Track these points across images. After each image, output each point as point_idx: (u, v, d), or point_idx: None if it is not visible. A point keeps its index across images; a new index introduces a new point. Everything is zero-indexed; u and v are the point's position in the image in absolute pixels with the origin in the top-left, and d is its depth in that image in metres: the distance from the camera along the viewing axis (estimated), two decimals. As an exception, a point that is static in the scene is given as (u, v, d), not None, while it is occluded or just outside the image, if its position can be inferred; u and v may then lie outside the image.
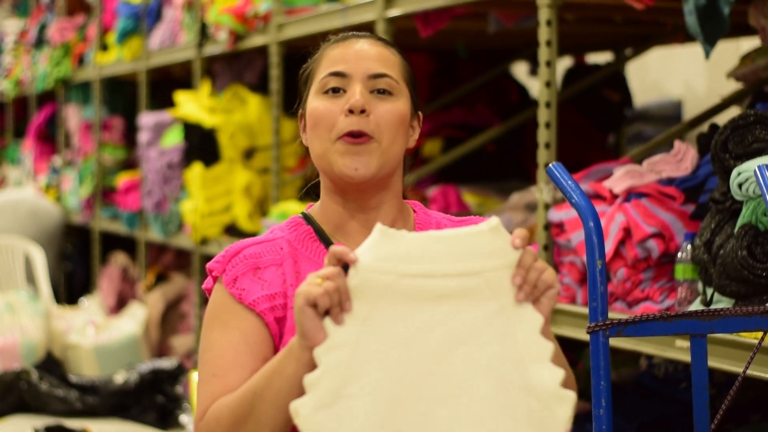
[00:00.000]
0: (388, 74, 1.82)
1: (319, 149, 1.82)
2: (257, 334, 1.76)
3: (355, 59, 1.81)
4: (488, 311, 1.57)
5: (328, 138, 1.80)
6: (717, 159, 2.57)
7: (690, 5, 2.69)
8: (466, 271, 1.56)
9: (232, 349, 1.75)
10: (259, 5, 4.58)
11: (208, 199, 4.96)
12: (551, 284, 1.59)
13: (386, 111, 1.80)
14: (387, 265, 1.55)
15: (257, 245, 1.82)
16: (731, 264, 2.44)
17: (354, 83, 1.80)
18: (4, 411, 4.55)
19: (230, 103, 5.09)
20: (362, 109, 1.78)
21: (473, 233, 1.57)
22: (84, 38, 7.23)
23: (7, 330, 5.27)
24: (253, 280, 1.78)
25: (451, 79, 5.18)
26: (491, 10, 3.70)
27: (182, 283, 5.98)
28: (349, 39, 1.85)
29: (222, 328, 1.77)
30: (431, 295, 1.56)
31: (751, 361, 1.91)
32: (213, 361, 1.75)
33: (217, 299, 1.80)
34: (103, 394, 4.62)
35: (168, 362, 4.85)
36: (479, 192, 4.27)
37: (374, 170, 1.80)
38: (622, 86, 5.04)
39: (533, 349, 1.58)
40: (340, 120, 1.79)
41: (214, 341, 1.77)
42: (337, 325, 1.54)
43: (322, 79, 1.82)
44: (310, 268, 1.81)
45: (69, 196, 7.27)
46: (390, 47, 1.86)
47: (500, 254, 1.57)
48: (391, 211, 1.87)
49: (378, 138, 1.79)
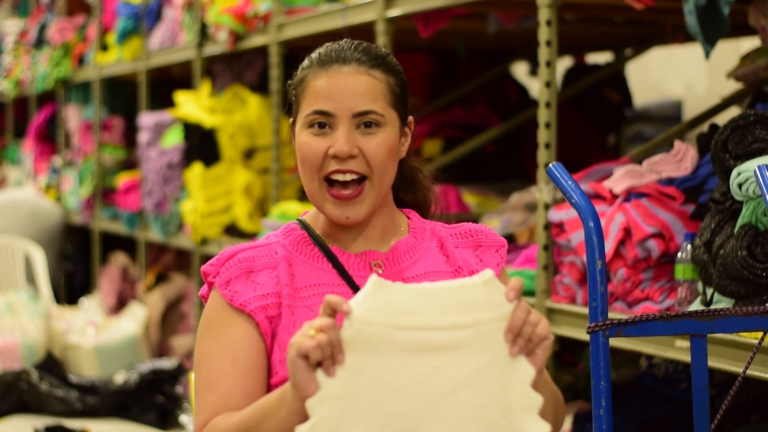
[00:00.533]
0: (373, 110, 1.81)
1: (308, 187, 1.84)
2: (247, 340, 1.78)
3: (340, 96, 1.80)
4: (481, 363, 1.58)
5: (317, 177, 1.82)
6: (717, 159, 2.57)
7: (690, 5, 2.69)
8: (460, 324, 1.57)
9: (221, 360, 1.77)
10: (259, 5, 4.58)
11: (208, 199, 4.96)
12: (546, 336, 1.60)
13: (375, 146, 1.81)
14: (381, 317, 1.55)
15: (252, 249, 1.84)
16: (731, 264, 2.44)
17: (340, 123, 1.80)
18: (4, 411, 4.55)
19: (230, 103, 5.09)
20: (348, 155, 1.80)
21: (467, 285, 1.58)
22: (84, 38, 7.23)
23: (7, 330, 5.26)
24: (246, 284, 1.80)
25: (451, 79, 5.18)
26: (491, 10, 3.70)
27: (182, 283, 5.98)
28: (332, 69, 1.82)
29: (213, 338, 1.79)
30: (424, 347, 1.57)
31: (751, 361, 1.91)
32: (205, 373, 1.78)
33: (210, 308, 1.83)
34: (103, 394, 4.62)
35: (168, 362, 4.85)
36: (479, 192, 4.27)
37: (366, 212, 1.83)
38: (622, 86, 5.04)
39: (522, 402, 1.60)
40: (326, 162, 1.81)
41: (205, 352, 1.80)
42: (329, 377, 1.54)
43: (308, 115, 1.82)
44: (306, 270, 1.83)
45: (69, 196, 7.27)
46: (375, 69, 1.83)
47: (494, 306, 1.59)
48: (385, 221, 1.89)
49: (370, 176, 1.82)
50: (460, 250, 1.91)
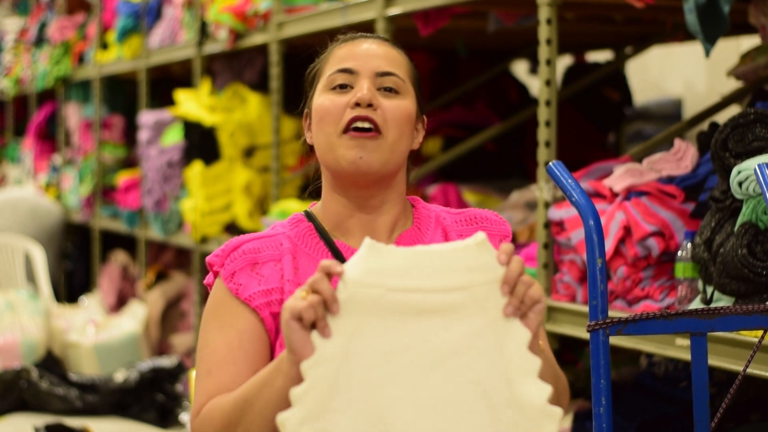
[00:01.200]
0: (396, 73, 1.83)
1: (324, 143, 1.82)
2: (252, 332, 1.78)
3: (363, 57, 1.83)
4: (475, 326, 1.57)
5: (334, 131, 1.80)
6: (717, 157, 2.57)
7: (690, 3, 2.69)
8: (453, 286, 1.56)
9: (226, 347, 1.77)
10: (259, 4, 4.58)
11: (208, 198, 4.96)
12: (538, 299, 1.59)
13: (393, 107, 1.82)
14: (375, 279, 1.55)
15: (257, 240, 1.83)
16: (731, 262, 2.44)
17: (361, 79, 1.81)
18: (5, 410, 4.55)
19: (230, 101, 5.09)
20: (369, 103, 1.79)
21: (460, 248, 1.57)
22: (84, 37, 7.23)
23: (7, 329, 5.27)
24: (250, 276, 1.79)
25: (451, 77, 5.18)
26: (491, 8, 3.70)
27: (182, 282, 5.98)
28: (357, 39, 1.87)
29: (218, 325, 1.79)
30: (419, 310, 1.56)
31: (751, 360, 1.91)
32: (208, 358, 1.77)
33: (216, 295, 1.82)
34: (103, 393, 4.62)
35: (168, 360, 4.85)
36: (479, 190, 4.27)
37: (379, 164, 1.80)
38: (622, 85, 5.04)
39: (521, 365, 1.58)
40: (347, 112, 1.80)
41: (210, 338, 1.79)
42: (324, 338, 1.54)
43: (330, 75, 1.82)
44: (309, 264, 1.82)
45: (69, 194, 7.27)
46: (397, 48, 1.88)
47: (487, 269, 1.58)
48: (393, 210, 1.87)
49: (384, 132, 1.80)
50: (464, 239, 1.91)
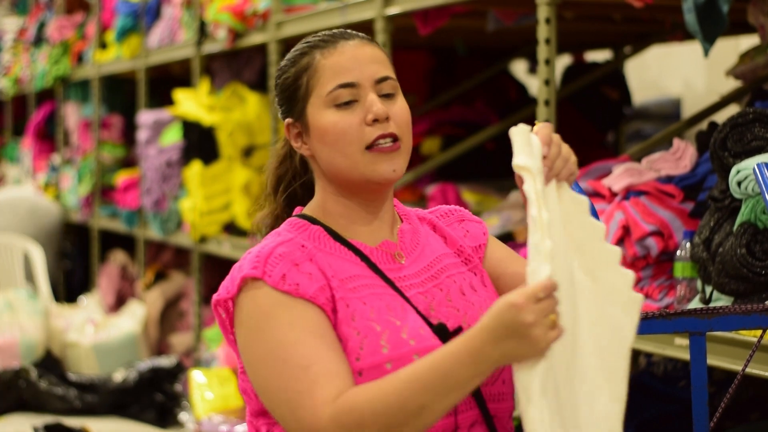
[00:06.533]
0: (390, 76, 1.83)
1: (345, 163, 1.80)
2: (324, 323, 1.71)
3: (357, 66, 1.81)
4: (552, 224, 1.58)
5: (357, 150, 1.79)
6: (716, 157, 2.57)
7: (689, 3, 2.69)
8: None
9: (312, 338, 1.68)
10: (258, 3, 4.58)
11: (207, 197, 4.96)
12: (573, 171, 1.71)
13: (400, 111, 1.82)
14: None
15: (280, 246, 1.76)
16: (730, 262, 2.44)
17: (366, 92, 1.80)
18: (4, 409, 4.55)
19: (229, 101, 5.09)
20: (387, 117, 1.79)
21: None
22: (83, 36, 7.23)
23: (6, 328, 5.27)
24: (300, 274, 1.72)
25: (450, 76, 5.18)
26: (490, 8, 3.70)
27: (181, 281, 5.98)
28: (338, 43, 1.83)
29: (281, 327, 1.69)
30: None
31: (750, 359, 1.91)
32: (294, 356, 1.66)
33: (264, 302, 1.71)
34: (102, 393, 4.62)
35: (167, 360, 4.85)
36: (478, 190, 4.26)
37: (402, 171, 1.82)
38: (621, 84, 5.04)
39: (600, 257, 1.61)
40: (367, 131, 1.79)
41: (283, 339, 1.68)
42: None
43: (331, 92, 1.80)
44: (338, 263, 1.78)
45: (68, 194, 7.27)
46: (375, 42, 1.87)
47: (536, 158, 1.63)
48: (390, 208, 1.88)
49: (402, 138, 1.81)
50: (451, 228, 1.93)
